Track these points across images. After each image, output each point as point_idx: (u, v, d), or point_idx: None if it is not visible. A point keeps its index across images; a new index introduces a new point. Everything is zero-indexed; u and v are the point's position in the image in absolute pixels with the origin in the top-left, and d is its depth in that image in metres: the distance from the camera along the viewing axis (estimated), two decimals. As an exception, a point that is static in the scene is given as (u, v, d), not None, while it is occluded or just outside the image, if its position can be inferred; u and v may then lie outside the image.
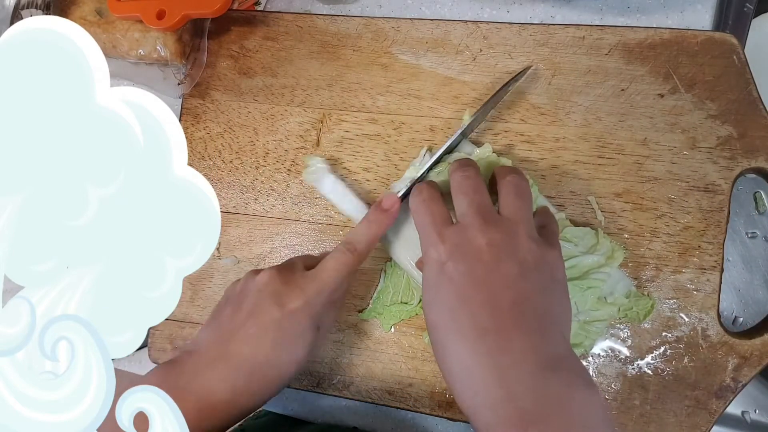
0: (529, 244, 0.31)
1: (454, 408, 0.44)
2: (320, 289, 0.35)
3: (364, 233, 0.37)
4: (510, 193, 0.34)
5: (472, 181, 0.34)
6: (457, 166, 0.36)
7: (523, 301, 0.29)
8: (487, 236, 0.31)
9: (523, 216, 0.33)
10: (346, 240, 0.37)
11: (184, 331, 0.49)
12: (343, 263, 0.36)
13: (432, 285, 0.32)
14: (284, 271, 0.36)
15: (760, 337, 0.40)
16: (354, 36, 0.48)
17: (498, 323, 0.28)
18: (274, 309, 0.34)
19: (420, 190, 0.36)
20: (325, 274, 0.36)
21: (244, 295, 0.36)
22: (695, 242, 0.41)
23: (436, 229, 0.33)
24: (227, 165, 0.50)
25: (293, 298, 0.35)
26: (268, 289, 0.35)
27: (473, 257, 0.30)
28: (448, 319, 0.30)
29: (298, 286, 0.35)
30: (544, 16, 0.48)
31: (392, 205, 0.38)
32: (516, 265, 0.30)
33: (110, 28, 0.47)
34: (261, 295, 0.35)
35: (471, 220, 0.32)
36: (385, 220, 0.38)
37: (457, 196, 0.34)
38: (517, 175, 0.35)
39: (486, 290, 0.29)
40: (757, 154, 0.41)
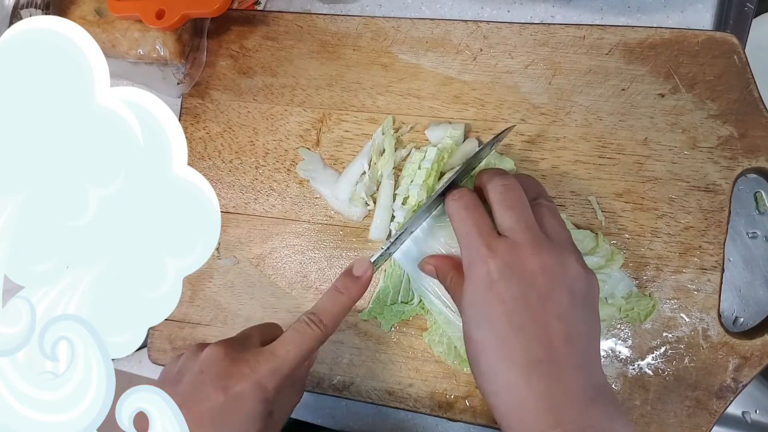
0: (578, 271, 0.31)
1: (454, 408, 0.44)
2: (275, 368, 0.31)
3: (330, 304, 0.34)
4: (548, 216, 0.33)
5: (517, 193, 0.33)
6: (495, 174, 0.34)
7: (574, 335, 0.29)
8: (540, 259, 0.30)
9: (568, 239, 0.32)
10: (310, 311, 0.33)
11: (184, 332, 0.49)
12: (306, 338, 0.32)
13: (479, 302, 0.30)
14: (233, 347, 0.32)
15: (760, 338, 0.40)
16: (354, 35, 0.48)
17: (550, 355, 0.28)
18: (215, 394, 0.30)
19: (460, 194, 0.34)
20: (283, 350, 0.32)
21: (182, 374, 0.32)
22: (696, 242, 0.41)
23: (483, 240, 0.31)
24: (227, 165, 0.50)
25: (240, 378, 0.30)
26: (212, 370, 0.31)
27: (527, 281, 0.30)
28: (498, 344, 0.29)
29: (248, 366, 0.31)
30: (545, 15, 0.48)
31: (365, 271, 0.34)
32: (567, 293, 0.30)
33: (110, 27, 0.47)
34: (201, 378, 0.31)
35: (522, 238, 0.31)
36: (356, 290, 0.34)
37: (503, 208, 0.32)
38: (550, 202, 0.35)
39: (540, 320, 0.29)
40: (758, 154, 0.41)
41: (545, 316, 0.29)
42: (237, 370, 0.31)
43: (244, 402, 0.30)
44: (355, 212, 0.46)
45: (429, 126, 0.45)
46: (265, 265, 0.48)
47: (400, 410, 0.45)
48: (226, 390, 0.30)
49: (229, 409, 0.30)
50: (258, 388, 0.30)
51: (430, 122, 0.45)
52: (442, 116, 0.46)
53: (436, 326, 0.43)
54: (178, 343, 0.49)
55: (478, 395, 0.43)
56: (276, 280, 0.48)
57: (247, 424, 0.30)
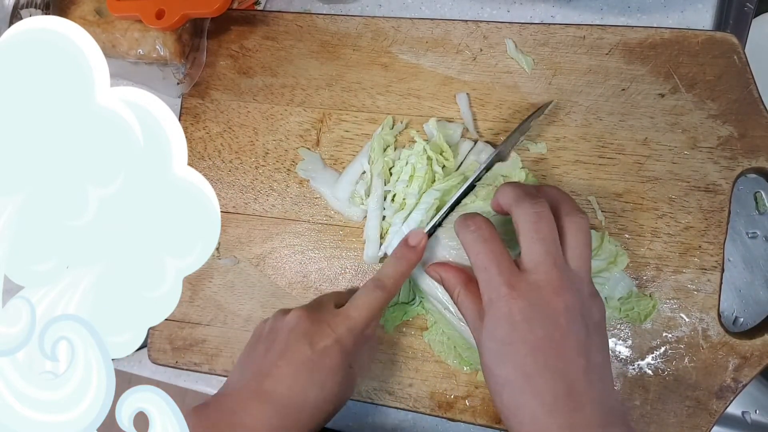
0: (592, 303, 0.32)
1: (454, 408, 0.44)
2: (350, 326, 0.36)
3: (392, 270, 0.37)
4: (579, 240, 0.32)
5: (549, 223, 0.32)
6: (523, 196, 0.33)
7: (592, 366, 0.30)
8: (563, 300, 0.30)
9: (588, 268, 0.32)
10: (375, 277, 0.37)
11: (184, 332, 0.49)
12: (373, 300, 0.36)
13: (501, 339, 0.31)
14: (313, 310, 0.37)
15: (760, 338, 0.40)
16: (354, 35, 0.48)
17: (571, 389, 0.29)
18: (305, 348, 0.35)
19: (477, 225, 0.33)
20: (355, 311, 0.36)
21: (275, 334, 0.36)
22: (696, 242, 0.41)
23: (504, 279, 0.31)
24: (227, 165, 0.50)
25: (323, 336, 0.35)
26: (299, 329, 0.36)
27: (550, 321, 0.30)
28: (522, 380, 0.30)
29: (328, 325, 0.35)
30: (545, 15, 0.48)
31: (419, 241, 0.38)
32: (584, 327, 0.31)
33: (110, 27, 0.47)
34: (292, 335, 0.35)
35: (547, 277, 0.31)
36: (413, 257, 0.37)
37: (531, 240, 0.32)
38: (584, 217, 0.33)
39: (561, 357, 0.30)
40: (758, 154, 0.41)
41: (566, 352, 0.30)
42: (319, 329, 0.35)
43: (328, 355, 0.35)
44: (355, 212, 0.46)
45: (429, 121, 0.45)
46: (265, 265, 0.48)
47: (400, 410, 0.45)
48: (313, 346, 0.35)
49: (316, 361, 0.35)
50: (338, 344, 0.35)
51: (430, 119, 0.45)
52: (442, 116, 0.46)
53: (436, 326, 0.43)
54: (178, 343, 0.49)
55: (478, 395, 0.43)
56: (276, 280, 0.48)
57: (332, 372, 0.35)
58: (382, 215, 0.44)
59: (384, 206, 0.44)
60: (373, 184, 0.44)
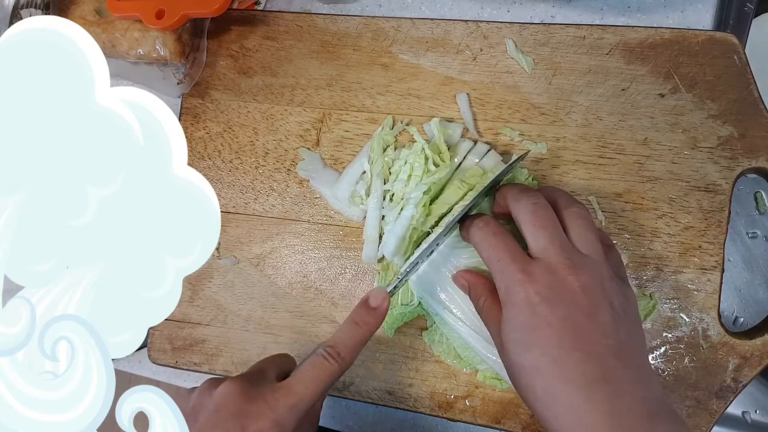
0: (614, 286, 0.31)
1: (454, 408, 0.44)
2: (293, 404, 0.31)
3: (348, 337, 0.33)
4: (581, 227, 0.32)
5: (547, 211, 0.32)
6: (520, 193, 0.34)
7: (624, 351, 0.29)
8: (579, 279, 0.30)
9: (601, 253, 0.32)
10: (327, 344, 0.33)
11: (184, 332, 0.49)
12: (323, 372, 0.32)
13: (524, 327, 0.30)
14: (249, 384, 0.32)
15: (760, 338, 0.40)
16: (354, 35, 0.48)
17: (606, 373, 0.28)
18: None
19: (485, 222, 0.34)
20: (301, 386, 0.31)
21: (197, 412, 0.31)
22: (696, 242, 0.41)
23: (518, 266, 0.31)
24: (227, 165, 0.50)
25: (258, 417, 0.30)
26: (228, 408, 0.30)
27: (569, 301, 0.30)
28: (552, 366, 0.29)
29: (266, 403, 0.30)
30: (545, 15, 0.48)
31: (381, 302, 0.34)
32: (609, 310, 0.30)
33: (110, 27, 0.47)
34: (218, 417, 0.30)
35: (557, 259, 0.31)
36: (373, 321, 0.34)
37: (534, 228, 0.32)
38: (582, 207, 0.34)
39: (588, 340, 0.29)
40: (758, 154, 0.41)
41: (593, 335, 0.29)
42: (254, 408, 0.30)
43: None
44: (355, 212, 0.46)
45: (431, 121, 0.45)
46: (265, 265, 0.48)
47: (400, 410, 0.45)
48: (245, 429, 0.30)
49: None
50: (277, 425, 0.30)
51: (432, 119, 0.45)
52: (442, 116, 0.45)
53: (436, 326, 0.43)
54: (178, 343, 0.49)
55: (478, 395, 0.43)
56: (276, 280, 0.48)
57: None
58: (381, 215, 0.44)
59: (384, 206, 0.44)
60: (373, 183, 0.44)
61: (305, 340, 0.47)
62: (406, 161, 0.43)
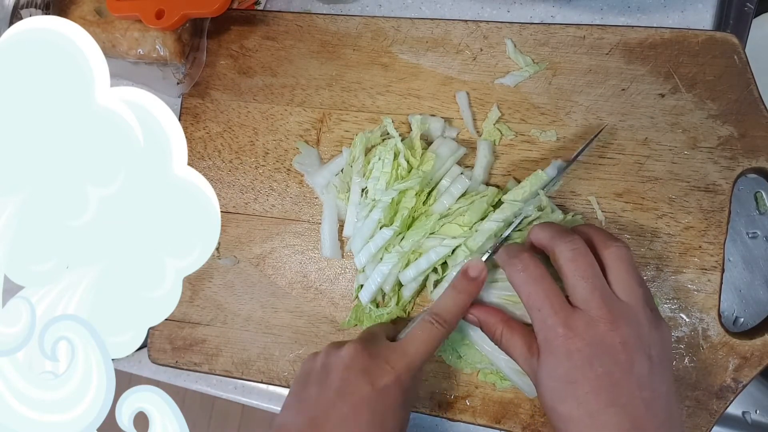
0: (652, 334, 0.32)
1: (454, 408, 0.44)
2: (410, 364, 0.34)
3: (451, 303, 0.36)
4: (621, 269, 0.33)
5: (587, 259, 0.32)
6: (558, 236, 0.34)
7: (656, 399, 0.30)
8: (619, 334, 0.31)
9: (641, 296, 0.32)
10: (434, 311, 0.36)
11: (184, 332, 0.49)
12: (431, 336, 0.35)
13: (563, 378, 0.31)
14: (369, 344, 0.35)
15: (760, 338, 0.40)
16: (354, 35, 0.48)
17: (636, 423, 0.30)
18: (364, 387, 0.33)
19: (525, 264, 0.34)
20: (413, 347, 0.35)
21: (329, 370, 0.35)
22: (696, 242, 0.41)
23: (560, 318, 0.31)
24: (227, 165, 0.50)
25: (383, 373, 0.33)
26: (356, 365, 0.34)
27: (609, 358, 0.30)
28: (586, 418, 0.30)
29: (388, 362, 0.34)
30: (545, 15, 0.47)
31: (479, 273, 0.36)
32: (647, 362, 0.31)
33: (109, 27, 0.47)
34: (349, 372, 0.34)
35: (598, 312, 0.31)
36: (473, 289, 0.36)
37: (574, 278, 0.32)
38: (621, 245, 0.33)
39: (624, 393, 0.30)
40: (758, 154, 0.41)
41: (629, 388, 0.30)
42: (379, 366, 0.34)
43: (390, 393, 0.33)
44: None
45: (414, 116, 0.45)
46: (265, 265, 0.48)
47: (400, 410, 0.45)
48: (374, 383, 0.33)
49: (378, 400, 0.33)
50: (398, 381, 0.34)
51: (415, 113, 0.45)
52: (442, 116, 0.45)
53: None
54: (178, 343, 0.49)
55: (478, 395, 0.43)
56: (276, 280, 0.48)
57: (394, 411, 0.34)
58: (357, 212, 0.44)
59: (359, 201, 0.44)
60: (353, 180, 0.44)
61: (305, 340, 0.47)
62: (379, 158, 0.43)
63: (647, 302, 0.33)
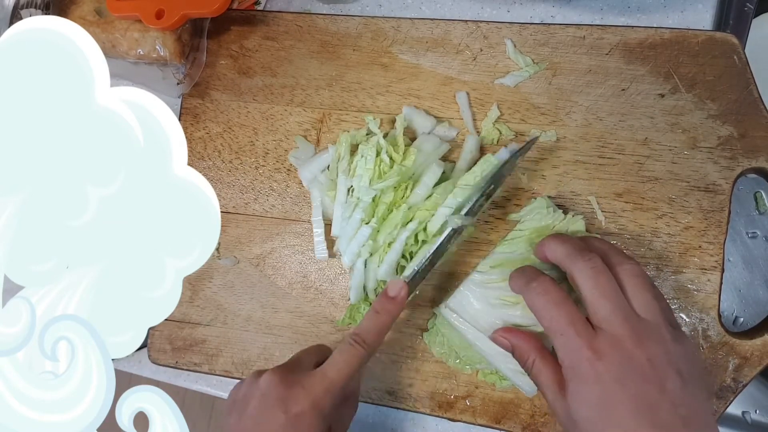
0: (677, 349, 0.31)
1: (454, 408, 0.44)
2: (328, 387, 0.34)
3: (372, 325, 0.36)
4: (638, 286, 0.32)
5: (607, 277, 0.32)
6: (575, 254, 0.33)
7: (692, 415, 0.30)
8: (646, 351, 0.30)
9: (661, 313, 0.32)
10: (354, 332, 0.36)
11: (184, 332, 0.49)
12: (353, 357, 0.35)
13: (596, 404, 0.31)
14: (288, 372, 0.35)
15: (760, 338, 0.40)
16: (354, 35, 0.48)
17: None
18: (278, 415, 0.33)
19: (544, 288, 0.33)
20: (333, 371, 0.35)
21: (248, 400, 0.35)
22: (696, 242, 0.41)
23: (584, 341, 0.31)
24: (227, 165, 0.50)
25: (298, 400, 0.34)
26: (271, 394, 0.34)
27: (640, 377, 0.30)
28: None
29: (303, 387, 0.34)
30: (545, 15, 0.47)
31: (399, 291, 0.37)
32: (678, 378, 0.30)
33: (109, 27, 0.47)
34: (264, 400, 0.34)
35: (622, 331, 0.31)
36: (393, 308, 0.37)
37: (595, 297, 0.32)
38: (635, 263, 0.33)
39: (661, 412, 0.30)
40: (758, 154, 0.41)
41: (666, 406, 0.30)
42: (294, 393, 0.34)
43: (304, 420, 0.33)
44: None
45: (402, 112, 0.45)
46: (265, 265, 0.48)
47: (400, 410, 0.45)
48: (287, 411, 0.33)
49: (291, 428, 0.33)
50: (314, 407, 0.33)
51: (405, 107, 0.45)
52: (442, 116, 0.46)
53: (436, 328, 0.43)
54: (178, 343, 0.49)
55: (478, 395, 0.43)
56: (276, 280, 0.48)
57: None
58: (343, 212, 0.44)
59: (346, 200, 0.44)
60: (338, 179, 0.44)
61: (305, 341, 0.47)
62: (362, 155, 0.43)
63: (667, 318, 0.32)
